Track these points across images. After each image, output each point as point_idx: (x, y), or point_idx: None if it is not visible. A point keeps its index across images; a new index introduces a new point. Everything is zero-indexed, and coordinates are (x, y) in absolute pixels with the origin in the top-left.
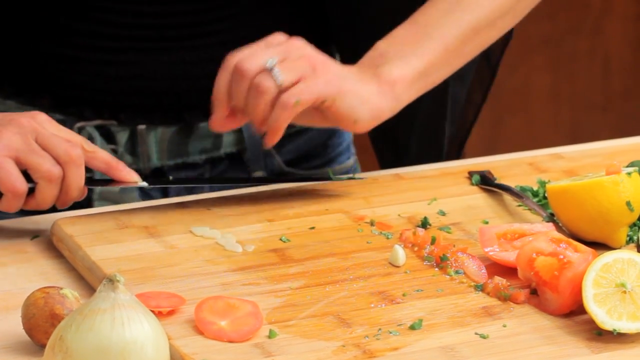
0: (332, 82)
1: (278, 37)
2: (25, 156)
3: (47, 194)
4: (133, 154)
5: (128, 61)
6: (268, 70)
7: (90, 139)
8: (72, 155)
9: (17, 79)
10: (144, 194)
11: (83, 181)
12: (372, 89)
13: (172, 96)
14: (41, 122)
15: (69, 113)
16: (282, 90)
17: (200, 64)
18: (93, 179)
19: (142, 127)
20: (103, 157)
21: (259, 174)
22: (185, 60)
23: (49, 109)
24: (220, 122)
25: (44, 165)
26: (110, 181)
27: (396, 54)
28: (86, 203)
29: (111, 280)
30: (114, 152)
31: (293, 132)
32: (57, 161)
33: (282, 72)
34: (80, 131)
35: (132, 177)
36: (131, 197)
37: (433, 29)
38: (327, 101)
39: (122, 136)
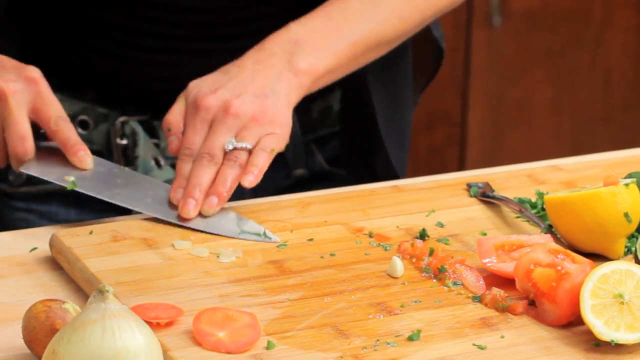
0: (283, 124)
1: (208, 103)
2: None
3: None
4: None
5: (170, 62)
6: (231, 151)
7: (133, 132)
8: (17, 153)
9: (62, 73)
10: None
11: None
12: (292, 85)
13: None
14: (15, 93)
15: (112, 107)
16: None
17: None
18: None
19: None
20: (62, 137)
21: (300, 172)
22: (225, 62)
23: (93, 103)
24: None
25: None
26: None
27: (311, 46)
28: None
29: (100, 292)
30: (156, 145)
31: (336, 131)
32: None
33: (245, 142)
34: (123, 125)
35: (83, 164)
36: None
37: (347, 30)
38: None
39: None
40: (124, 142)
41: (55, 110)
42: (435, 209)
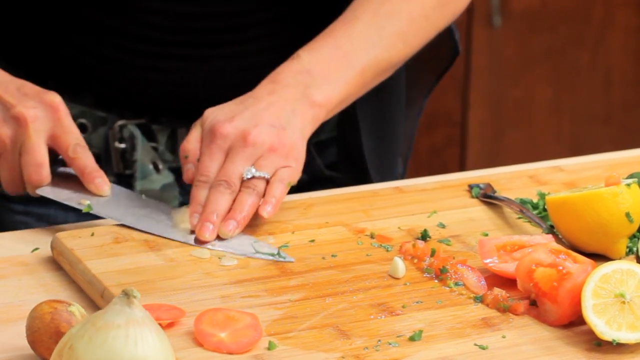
0: (298, 158)
1: (226, 131)
2: None
3: None
4: (173, 152)
5: (168, 67)
6: (249, 179)
7: (132, 136)
8: (32, 181)
9: (61, 76)
10: (185, 193)
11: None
12: (306, 118)
13: (211, 103)
14: (36, 120)
15: (110, 111)
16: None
17: (239, 73)
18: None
19: (182, 129)
20: (80, 165)
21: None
22: (224, 69)
23: (91, 107)
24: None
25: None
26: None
27: (323, 77)
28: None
29: (127, 295)
30: (155, 149)
31: (335, 136)
32: (21, 174)
33: (263, 171)
34: (121, 129)
35: (100, 191)
36: (171, 196)
37: (355, 59)
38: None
39: (163, 135)
40: (122, 145)
41: (73, 138)
42: (437, 210)
